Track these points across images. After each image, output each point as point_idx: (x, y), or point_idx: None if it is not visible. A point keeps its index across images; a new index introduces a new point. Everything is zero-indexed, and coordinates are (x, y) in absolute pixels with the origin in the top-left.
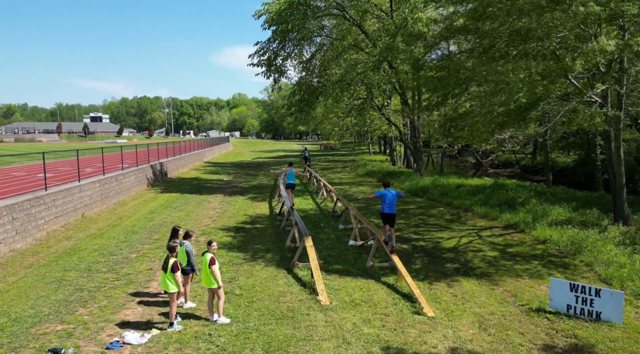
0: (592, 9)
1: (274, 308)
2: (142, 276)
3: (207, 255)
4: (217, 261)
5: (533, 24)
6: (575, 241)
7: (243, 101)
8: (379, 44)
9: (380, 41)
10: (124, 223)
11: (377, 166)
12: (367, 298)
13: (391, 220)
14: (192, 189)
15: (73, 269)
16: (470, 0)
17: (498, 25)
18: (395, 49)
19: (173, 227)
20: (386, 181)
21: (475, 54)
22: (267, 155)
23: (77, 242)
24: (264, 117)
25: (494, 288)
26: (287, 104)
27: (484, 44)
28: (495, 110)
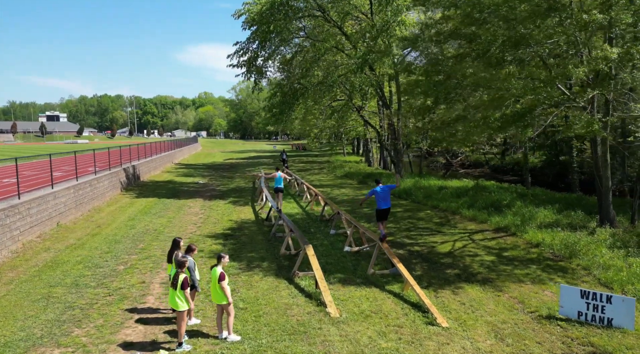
0: (595, 17)
1: (283, 322)
2: (135, 290)
3: (216, 270)
4: (226, 275)
5: (532, 30)
6: (568, 244)
7: (209, 100)
8: (359, 45)
9: (360, 43)
10: (104, 232)
11: (354, 167)
12: (376, 308)
13: (386, 214)
14: (168, 193)
15: (59, 284)
16: (462, 5)
17: (494, 31)
18: (378, 51)
19: (174, 239)
20: (378, 178)
21: (469, 59)
22: (238, 156)
23: (57, 253)
24: (232, 117)
25: (500, 295)
26: (268, 106)
27: (479, 49)
28: (491, 115)
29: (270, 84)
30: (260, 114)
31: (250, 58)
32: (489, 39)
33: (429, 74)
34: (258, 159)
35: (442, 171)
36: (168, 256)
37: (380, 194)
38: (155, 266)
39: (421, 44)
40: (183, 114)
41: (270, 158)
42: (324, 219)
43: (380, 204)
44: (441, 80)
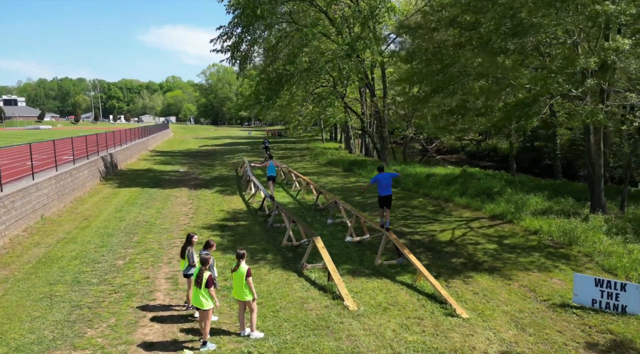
0: (607, 7)
1: (303, 317)
2: (141, 287)
3: (243, 266)
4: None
5: (539, 18)
6: (565, 231)
7: (178, 85)
8: (344, 32)
9: (344, 29)
10: (93, 224)
11: (336, 154)
12: (392, 300)
13: (388, 202)
14: (150, 182)
15: (58, 282)
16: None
17: (498, 19)
18: (366, 38)
19: (188, 234)
20: (380, 165)
21: (469, 48)
22: (213, 143)
23: (49, 249)
24: (202, 102)
25: (509, 283)
26: (254, 93)
27: (480, 38)
28: (494, 105)
29: (255, 70)
30: (232, 99)
31: (234, 43)
32: (491, 28)
33: (431, 62)
34: (235, 146)
35: (418, 157)
36: (182, 252)
37: (382, 182)
38: (156, 261)
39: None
40: (150, 99)
41: (248, 145)
42: (318, 208)
43: (381, 191)
44: (441, 68)
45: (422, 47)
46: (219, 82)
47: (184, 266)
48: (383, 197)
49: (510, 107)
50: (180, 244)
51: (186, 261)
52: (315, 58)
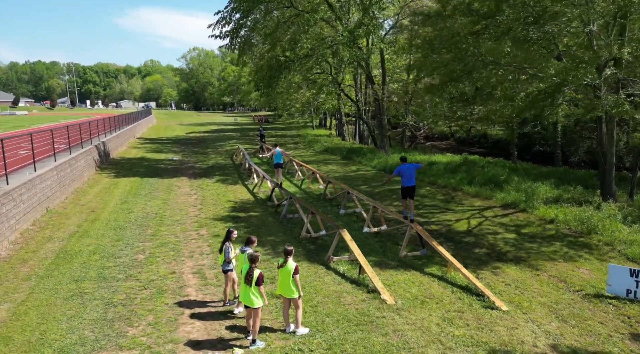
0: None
1: (343, 311)
2: (170, 282)
3: (290, 263)
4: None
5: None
6: (582, 220)
7: (157, 69)
8: (343, 18)
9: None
10: (102, 217)
11: (330, 141)
12: (427, 293)
13: (411, 193)
14: (148, 172)
15: (84, 278)
16: None
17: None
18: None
19: (228, 229)
20: (403, 156)
21: (487, 36)
22: (201, 129)
23: (64, 243)
24: (183, 87)
25: (538, 274)
26: (254, 80)
27: (500, 26)
28: (517, 95)
29: (254, 58)
30: (214, 84)
31: (233, 29)
32: (512, 16)
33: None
34: (223, 133)
35: (407, 144)
36: (221, 247)
37: (405, 172)
38: (177, 255)
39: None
40: (129, 84)
41: (237, 132)
42: (327, 198)
43: (405, 181)
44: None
45: (438, 35)
46: (200, 66)
47: (221, 262)
48: (407, 187)
49: (532, 96)
50: (196, 237)
51: (222, 256)
52: (315, 45)
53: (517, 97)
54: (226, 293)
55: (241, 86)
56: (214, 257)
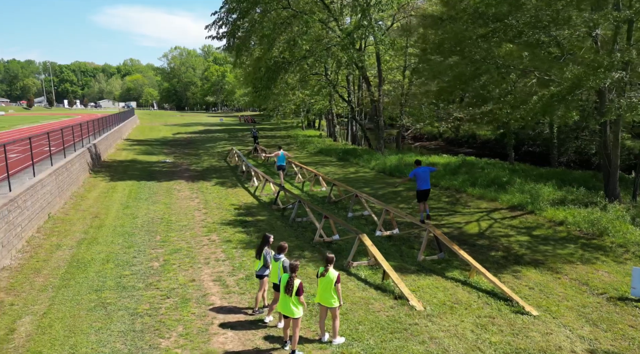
0: None
1: (374, 319)
2: (192, 290)
3: (332, 272)
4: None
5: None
6: (591, 221)
7: (137, 68)
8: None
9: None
10: (107, 223)
11: (322, 142)
12: (453, 298)
13: (426, 195)
14: (142, 175)
15: (103, 288)
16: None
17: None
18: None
19: (264, 235)
20: (418, 159)
21: (495, 39)
22: (186, 130)
23: (74, 251)
24: (164, 86)
25: (559, 277)
26: (252, 81)
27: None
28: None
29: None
30: (196, 84)
31: (230, 31)
32: (524, 20)
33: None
34: (211, 134)
35: (394, 144)
36: (257, 253)
37: (421, 175)
38: (193, 261)
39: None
40: (108, 83)
41: (224, 132)
42: (331, 201)
43: (421, 184)
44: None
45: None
46: (182, 65)
47: (258, 267)
48: (423, 190)
49: (545, 99)
50: (208, 243)
51: (261, 261)
52: (313, 46)
53: (529, 100)
54: (258, 298)
55: (225, 86)
56: (231, 263)
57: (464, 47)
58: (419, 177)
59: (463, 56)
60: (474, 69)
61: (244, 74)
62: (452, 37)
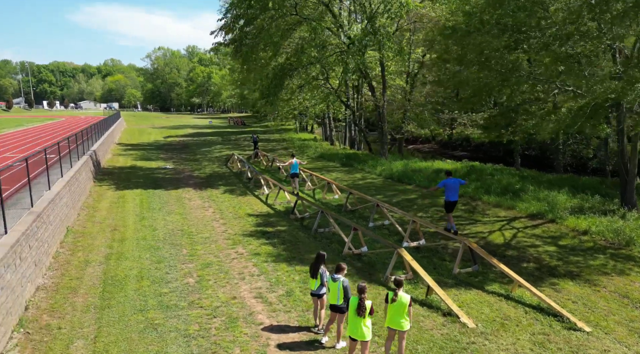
0: None
1: (429, 337)
2: (236, 309)
3: (404, 295)
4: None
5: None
6: (614, 231)
7: (118, 68)
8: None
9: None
10: (128, 236)
11: (321, 147)
12: (501, 315)
13: (454, 206)
14: (147, 182)
15: (146, 307)
16: None
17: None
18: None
19: (318, 254)
20: (449, 170)
21: (519, 51)
22: (177, 133)
23: (104, 267)
24: (148, 87)
25: (598, 289)
26: (259, 88)
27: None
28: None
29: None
30: (181, 85)
31: (238, 37)
32: (553, 32)
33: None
34: (204, 137)
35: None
36: (313, 272)
37: (451, 186)
38: (227, 277)
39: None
40: (88, 84)
41: (217, 136)
42: (348, 210)
43: (450, 196)
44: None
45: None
46: (167, 66)
47: (315, 286)
48: (452, 201)
49: (574, 112)
50: (237, 256)
51: (318, 280)
52: (321, 53)
53: (559, 112)
54: (322, 316)
55: (211, 87)
56: (266, 278)
57: (490, 58)
58: (450, 188)
59: (489, 68)
60: (502, 80)
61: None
62: (475, 49)
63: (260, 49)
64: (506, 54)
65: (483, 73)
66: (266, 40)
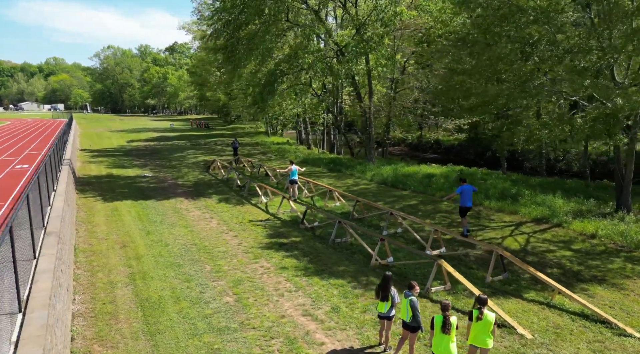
0: None
1: (494, 351)
2: (290, 328)
3: (490, 314)
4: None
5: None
6: (621, 233)
7: (62, 67)
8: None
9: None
10: (141, 253)
11: (299, 151)
12: (551, 324)
13: (468, 211)
14: (133, 193)
15: (198, 331)
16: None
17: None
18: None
19: (385, 275)
20: (462, 177)
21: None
22: (140, 137)
23: (132, 289)
24: (97, 88)
25: (627, 293)
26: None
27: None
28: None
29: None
30: (134, 86)
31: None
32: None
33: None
34: (171, 142)
35: (357, 149)
36: (382, 293)
37: (467, 193)
38: (264, 293)
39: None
40: (29, 83)
41: (185, 140)
42: (355, 218)
43: (465, 202)
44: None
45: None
46: (117, 66)
47: (386, 308)
48: (467, 207)
49: (589, 122)
50: (264, 271)
51: (389, 302)
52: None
53: (574, 122)
54: (388, 336)
55: (167, 88)
56: (305, 293)
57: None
58: (465, 194)
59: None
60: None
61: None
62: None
63: (253, 55)
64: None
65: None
66: (259, 46)
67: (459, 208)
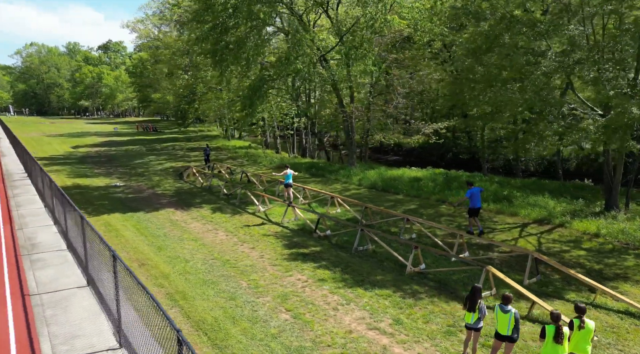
0: None
1: None
2: (364, 344)
3: (589, 322)
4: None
5: None
6: (622, 231)
7: None
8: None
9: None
10: (164, 271)
11: (270, 155)
12: (604, 324)
13: (478, 212)
14: (116, 205)
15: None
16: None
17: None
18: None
19: (474, 287)
20: (470, 180)
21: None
22: (85, 142)
23: (178, 310)
24: (20, 88)
25: None
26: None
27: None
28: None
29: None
30: (62, 86)
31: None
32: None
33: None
34: (125, 147)
35: (316, 151)
36: (470, 305)
37: (476, 195)
38: (317, 308)
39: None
40: None
41: (139, 145)
42: (364, 225)
43: (475, 203)
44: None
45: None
46: (43, 65)
47: (473, 319)
48: (477, 208)
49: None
50: (303, 284)
51: (476, 314)
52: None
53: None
54: (475, 349)
55: (102, 89)
56: (358, 306)
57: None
58: (475, 196)
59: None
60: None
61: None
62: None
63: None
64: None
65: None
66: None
67: (469, 209)
